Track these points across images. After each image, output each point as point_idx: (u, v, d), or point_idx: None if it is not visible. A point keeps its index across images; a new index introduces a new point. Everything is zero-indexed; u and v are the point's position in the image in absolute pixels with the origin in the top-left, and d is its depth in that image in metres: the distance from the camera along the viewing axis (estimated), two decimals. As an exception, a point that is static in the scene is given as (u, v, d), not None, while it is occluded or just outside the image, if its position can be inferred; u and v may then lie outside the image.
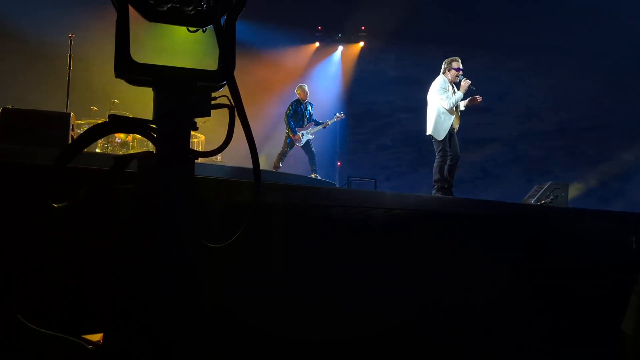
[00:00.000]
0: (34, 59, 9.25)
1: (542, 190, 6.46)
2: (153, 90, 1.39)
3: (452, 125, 5.90)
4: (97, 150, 8.39)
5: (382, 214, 3.10)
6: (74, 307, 1.57)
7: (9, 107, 5.43)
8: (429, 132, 5.95)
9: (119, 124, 1.30)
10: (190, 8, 1.39)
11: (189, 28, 1.49)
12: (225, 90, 1.47)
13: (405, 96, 12.42)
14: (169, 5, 1.38)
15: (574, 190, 9.90)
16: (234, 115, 1.50)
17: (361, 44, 13.02)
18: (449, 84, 5.97)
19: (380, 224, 3.07)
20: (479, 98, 6.07)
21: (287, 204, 2.72)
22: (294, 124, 8.50)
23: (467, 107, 6.11)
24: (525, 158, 12.83)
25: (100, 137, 1.31)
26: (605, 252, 4.34)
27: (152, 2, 1.36)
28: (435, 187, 5.97)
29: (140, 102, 10.26)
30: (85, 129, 8.66)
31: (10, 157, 4.14)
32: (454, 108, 5.93)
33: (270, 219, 2.62)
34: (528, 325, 3.70)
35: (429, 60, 6.62)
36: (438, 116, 5.88)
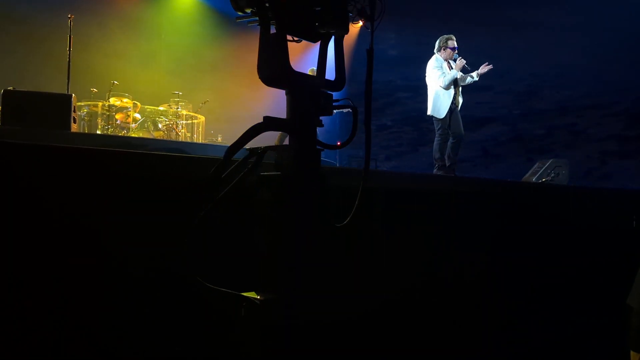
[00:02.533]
0: (33, 40, 9.19)
1: (543, 168, 6.49)
2: (288, 93, 1.66)
3: (453, 102, 5.90)
4: (98, 132, 8.40)
5: (381, 192, 3.13)
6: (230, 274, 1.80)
7: (10, 89, 5.43)
8: (429, 112, 5.96)
9: (271, 122, 1.60)
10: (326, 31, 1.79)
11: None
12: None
13: (405, 76, 12.35)
14: (324, 31, 1.78)
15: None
16: (357, 116, 1.79)
17: (360, 23, 12.86)
18: (444, 62, 5.95)
19: (380, 201, 3.10)
20: (489, 65, 6.09)
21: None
22: None
23: (480, 75, 6.09)
24: (526, 137, 12.83)
25: (258, 134, 1.57)
26: (606, 229, 4.39)
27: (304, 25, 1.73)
28: (436, 165, 6.00)
29: (139, 82, 10.25)
30: (85, 110, 8.66)
31: (11, 138, 4.16)
32: (453, 85, 5.92)
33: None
34: (530, 299, 3.76)
35: (429, 39, 6.57)
36: (436, 95, 5.89)
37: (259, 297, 1.56)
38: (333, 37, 1.82)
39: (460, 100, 6.02)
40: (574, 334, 3.83)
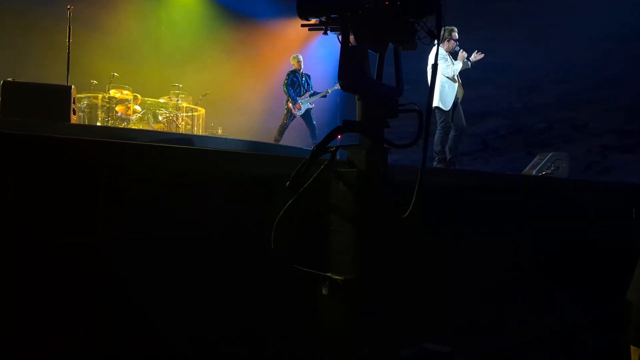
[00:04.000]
0: (33, 31, 9.15)
1: (543, 161, 6.49)
2: (360, 99, 1.92)
3: (456, 95, 5.89)
4: (99, 124, 8.38)
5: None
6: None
7: (9, 80, 5.42)
8: (435, 103, 5.93)
9: (349, 125, 1.89)
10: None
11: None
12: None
13: (404, 68, 12.29)
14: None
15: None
16: (422, 118, 2.04)
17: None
18: (447, 53, 5.93)
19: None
20: (481, 54, 6.09)
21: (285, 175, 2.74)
22: (293, 92, 8.48)
23: (473, 63, 6.07)
24: (526, 130, 12.80)
25: (338, 135, 1.84)
26: (605, 222, 4.39)
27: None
28: (437, 158, 5.99)
29: (140, 74, 10.21)
30: (86, 102, 8.64)
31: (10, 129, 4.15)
32: (456, 77, 5.90)
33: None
34: (527, 292, 3.77)
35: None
36: (442, 86, 5.86)
37: (338, 277, 1.80)
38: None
39: (462, 92, 6.01)
40: (573, 327, 3.84)
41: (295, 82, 8.54)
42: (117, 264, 2.07)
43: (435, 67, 2.12)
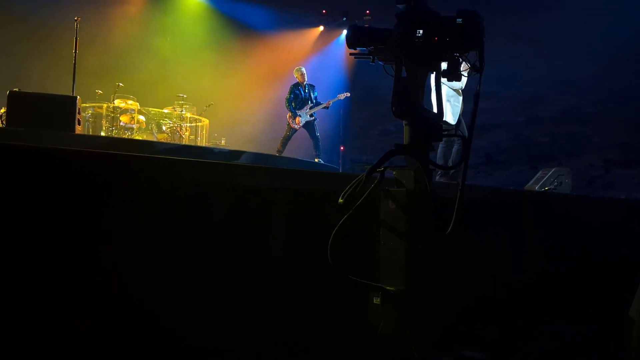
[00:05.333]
0: (39, 42, 9.24)
1: (546, 177, 6.48)
2: (408, 124, 2.09)
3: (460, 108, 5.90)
4: (103, 134, 8.43)
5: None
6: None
7: (15, 90, 5.46)
8: (446, 118, 5.90)
9: (401, 149, 2.07)
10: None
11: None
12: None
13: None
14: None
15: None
16: (466, 143, 2.20)
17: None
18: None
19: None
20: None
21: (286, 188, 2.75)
22: (294, 107, 8.53)
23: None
24: (530, 144, 12.80)
25: (391, 157, 2.01)
26: (607, 238, 4.37)
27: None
28: (439, 172, 5.99)
29: (144, 85, 10.24)
30: (90, 112, 8.70)
31: (15, 139, 4.18)
32: (460, 90, 5.91)
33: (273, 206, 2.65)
34: (529, 307, 3.75)
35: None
36: (447, 101, 5.86)
37: (390, 288, 1.97)
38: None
39: (463, 106, 6.03)
40: (574, 343, 3.81)
41: (298, 96, 8.57)
42: (122, 277, 2.08)
43: (476, 96, 2.24)
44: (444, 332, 2.54)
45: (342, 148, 12.59)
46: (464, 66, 6.58)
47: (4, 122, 5.57)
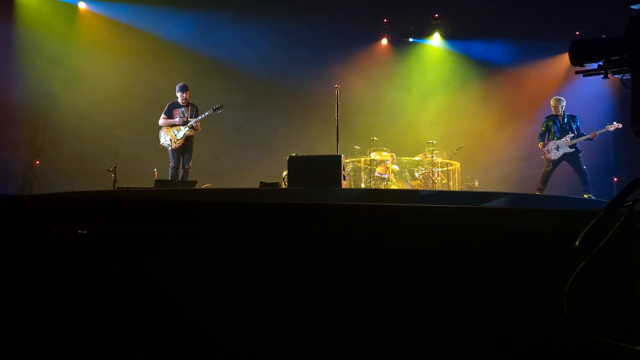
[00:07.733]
0: (306, 110, 10.71)
1: None
2: None
3: None
4: (362, 185, 9.14)
5: None
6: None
7: (293, 155, 6.38)
8: None
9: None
10: None
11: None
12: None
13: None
14: None
15: None
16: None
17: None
18: None
19: None
20: None
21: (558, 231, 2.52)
22: (545, 139, 8.04)
23: None
24: None
25: (636, 190, 1.65)
26: None
27: None
28: None
29: (396, 135, 10.76)
30: (350, 166, 9.55)
31: (297, 198, 4.87)
32: None
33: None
34: None
35: None
36: None
37: None
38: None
39: None
40: None
41: (551, 129, 8.03)
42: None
43: None
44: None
45: (615, 180, 11.02)
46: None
47: (286, 183, 6.54)
